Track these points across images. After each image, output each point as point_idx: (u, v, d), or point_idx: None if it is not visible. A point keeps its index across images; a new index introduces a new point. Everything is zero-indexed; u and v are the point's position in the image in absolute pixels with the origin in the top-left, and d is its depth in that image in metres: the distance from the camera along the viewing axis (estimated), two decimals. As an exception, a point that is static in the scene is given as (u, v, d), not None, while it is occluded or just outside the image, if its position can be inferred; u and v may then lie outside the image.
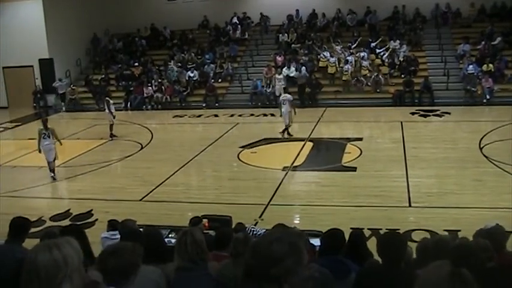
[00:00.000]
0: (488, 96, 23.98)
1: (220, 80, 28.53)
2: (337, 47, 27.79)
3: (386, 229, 9.34)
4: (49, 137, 15.51)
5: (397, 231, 9.52)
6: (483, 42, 26.86)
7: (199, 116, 25.00)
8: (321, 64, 27.67)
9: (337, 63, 26.94)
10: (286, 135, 19.53)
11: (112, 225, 8.27)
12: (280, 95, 25.76)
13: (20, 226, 5.96)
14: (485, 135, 17.89)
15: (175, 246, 4.67)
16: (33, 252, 2.42)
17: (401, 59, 27.05)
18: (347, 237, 6.20)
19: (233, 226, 8.60)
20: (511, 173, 13.63)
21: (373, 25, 29.91)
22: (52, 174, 15.68)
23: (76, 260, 2.43)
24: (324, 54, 27.39)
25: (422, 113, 22.76)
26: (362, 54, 26.95)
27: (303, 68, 26.83)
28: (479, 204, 11.89)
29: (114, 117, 20.55)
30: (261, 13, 31.59)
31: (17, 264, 2.53)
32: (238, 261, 4.82)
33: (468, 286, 2.45)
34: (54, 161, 15.65)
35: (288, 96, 20.11)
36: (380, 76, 25.83)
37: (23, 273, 2.38)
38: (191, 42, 31.89)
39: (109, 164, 17.28)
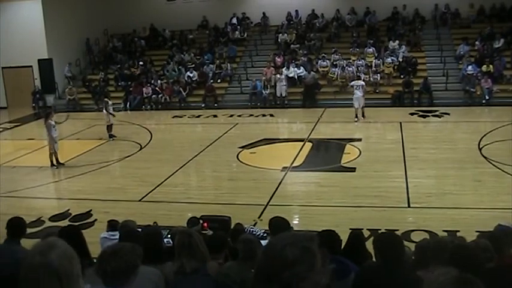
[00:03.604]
0: (487, 97, 23.99)
1: (219, 81, 28.53)
2: (336, 56, 27.80)
3: (386, 229, 9.35)
4: (56, 129, 16.88)
5: (396, 231, 9.55)
6: (477, 42, 26.93)
7: (199, 116, 25.00)
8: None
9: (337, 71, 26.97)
10: (362, 118, 21.64)
11: (112, 225, 8.27)
12: (281, 95, 25.98)
13: (17, 226, 6.00)
14: (484, 136, 17.90)
15: (176, 247, 4.67)
16: (31, 253, 2.38)
17: (401, 60, 27.07)
18: (346, 237, 6.22)
19: (232, 226, 8.60)
20: (510, 174, 13.64)
21: (373, 26, 29.94)
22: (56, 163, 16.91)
23: (78, 265, 2.41)
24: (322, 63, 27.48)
25: (421, 113, 22.77)
26: (359, 62, 26.90)
27: (302, 68, 26.95)
28: (478, 205, 11.90)
29: (113, 116, 20.56)
30: (263, 13, 31.62)
31: (17, 264, 2.52)
32: (248, 264, 4.81)
33: None
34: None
35: (361, 82, 21.95)
36: (378, 76, 25.87)
37: (20, 275, 2.35)
38: (190, 42, 31.91)
39: (108, 164, 17.28)
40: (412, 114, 22.83)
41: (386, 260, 4.43)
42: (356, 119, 21.65)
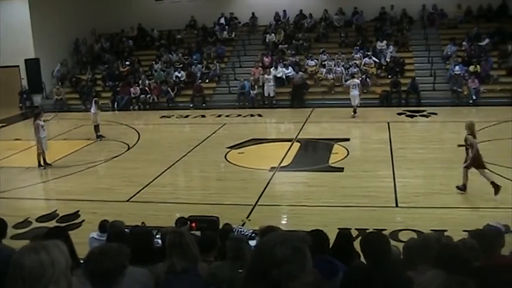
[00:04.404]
0: (474, 97, 24.13)
1: (207, 81, 28.49)
2: (324, 56, 27.85)
3: (374, 229, 9.37)
4: (44, 129, 16.75)
5: (384, 231, 9.58)
6: (464, 43, 27.09)
7: (187, 116, 24.96)
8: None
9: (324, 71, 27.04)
10: (356, 116, 22.44)
11: (102, 226, 8.25)
12: (269, 95, 26.00)
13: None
14: (471, 136, 17.96)
15: (167, 246, 4.65)
16: (20, 253, 2.40)
17: (388, 60, 27.17)
18: (334, 237, 6.22)
19: (220, 227, 8.59)
20: (497, 173, 13.70)
21: (360, 26, 30.02)
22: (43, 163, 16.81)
23: (63, 264, 2.41)
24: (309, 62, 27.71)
25: (409, 113, 22.86)
26: (347, 65, 26.98)
27: (290, 68, 27.02)
28: (465, 204, 11.98)
29: (97, 119, 20.50)
30: (252, 13, 31.62)
31: (4, 263, 2.54)
32: (237, 264, 4.80)
33: None
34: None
35: (356, 81, 23.14)
36: (367, 78, 25.90)
37: (9, 273, 2.37)
38: (178, 42, 31.85)
39: (96, 165, 17.21)
40: (399, 114, 22.93)
41: (372, 260, 4.43)
42: (355, 115, 22.41)
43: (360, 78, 24.43)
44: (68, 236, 5.50)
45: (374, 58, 27.13)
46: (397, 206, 12.27)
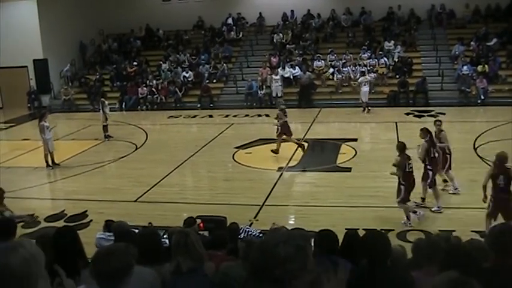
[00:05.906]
0: (482, 97, 24.06)
1: (215, 81, 28.52)
2: (332, 56, 27.85)
3: (381, 229, 9.36)
4: (50, 130, 16.87)
5: (392, 231, 9.57)
6: (472, 42, 27.01)
7: (194, 116, 24.98)
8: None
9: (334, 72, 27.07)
10: (367, 110, 23.48)
11: (108, 225, 8.25)
12: (277, 95, 25.98)
13: (7, 226, 6.02)
14: (479, 136, 17.93)
15: (173, 247, 4.66)
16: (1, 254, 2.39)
17: (396, 60, 27.12)
18: (342, 237, 6.22)
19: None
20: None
21: (368, 26, 29.97)
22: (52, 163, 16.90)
23: (42, 259, 2.42)
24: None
25: (416, 113, 22.79)
26: (355, 67, 26.97)
27: (297, 68, 27.02)
28: (473, 205, 11.86)
29: (106, 119, 20.51)
30: (259, 13, 31.61)
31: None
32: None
33: None
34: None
35: (368, 78, 24.36)
36: (375, 75, 25.87)
37: None
38: (186, 42, 31.89)
39: (104, 165, 17.26)
40: (407, 114, 22.86)
41: (370, 260, 4.41)
42: (366, 110, 23.41)
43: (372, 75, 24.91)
44: (77, 235, 5.52)
45: (385, 59, 27.00)
46: (405, 206, 12.23)
